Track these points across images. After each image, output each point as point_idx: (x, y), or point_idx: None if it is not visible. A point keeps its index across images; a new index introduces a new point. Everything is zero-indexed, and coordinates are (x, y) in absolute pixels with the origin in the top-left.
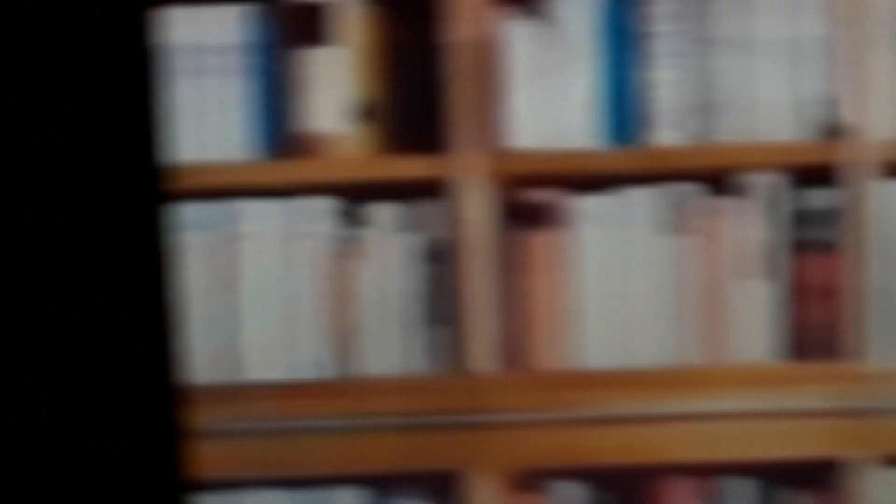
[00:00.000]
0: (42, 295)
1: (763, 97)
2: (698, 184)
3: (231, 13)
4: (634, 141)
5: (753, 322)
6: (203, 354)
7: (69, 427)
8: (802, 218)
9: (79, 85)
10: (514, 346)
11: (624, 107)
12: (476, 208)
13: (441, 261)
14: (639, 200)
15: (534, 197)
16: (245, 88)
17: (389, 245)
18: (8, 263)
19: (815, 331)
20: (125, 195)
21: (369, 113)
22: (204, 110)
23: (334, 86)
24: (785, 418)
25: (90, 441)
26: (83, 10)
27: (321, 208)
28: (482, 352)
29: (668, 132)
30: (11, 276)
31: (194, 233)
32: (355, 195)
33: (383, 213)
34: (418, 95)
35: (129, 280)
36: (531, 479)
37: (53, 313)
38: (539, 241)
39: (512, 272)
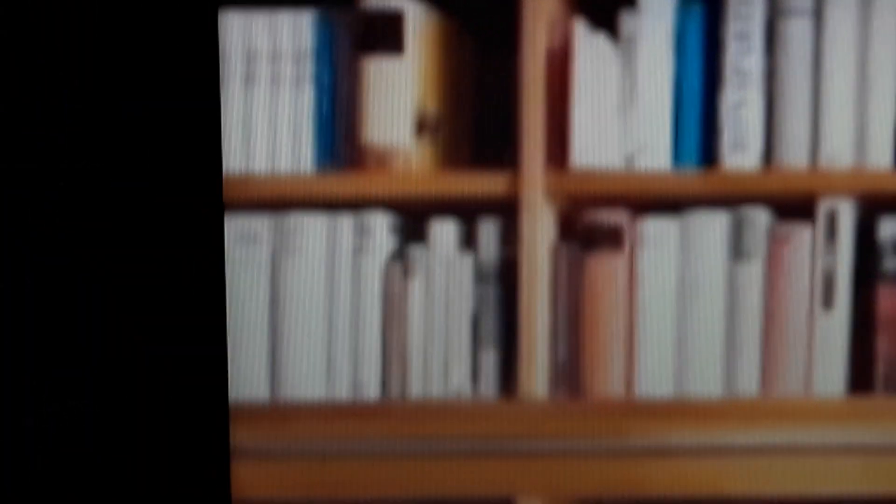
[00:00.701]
0: (85, 306)
1: (834, 122)
2: (766, 209)
3: (285, 19)
4: (703, 163)
5: (818, 354)
6: (253, 371)
7: (112, 444)
8: (872, 247)
9: (136, 88)
10: (569, 373)
11: (694, 128)
12: (538, 228)
13: (497, 281)
14: (703, 224)
15: (596, 218)
16: (298, 98)
17: (445, 263)
18: (57, 271)
19: (883, 364)
20: (174, 205)
21: (432, 126)
22: (254, 120)
23: (395, 97)
24: (849, 454)
25: (135, 458)
26: (144, 14)
27: (377, 223)
28: (536, 377)
29: (737, 155)
30: (59, 285)
31: (245, 246)
32: (414, 211)
33: (441, 230)
34: (483, 110)
35: (177, 292)
36: None
37: (97, 324)
38: (599, 264)
39: (570, 295)
